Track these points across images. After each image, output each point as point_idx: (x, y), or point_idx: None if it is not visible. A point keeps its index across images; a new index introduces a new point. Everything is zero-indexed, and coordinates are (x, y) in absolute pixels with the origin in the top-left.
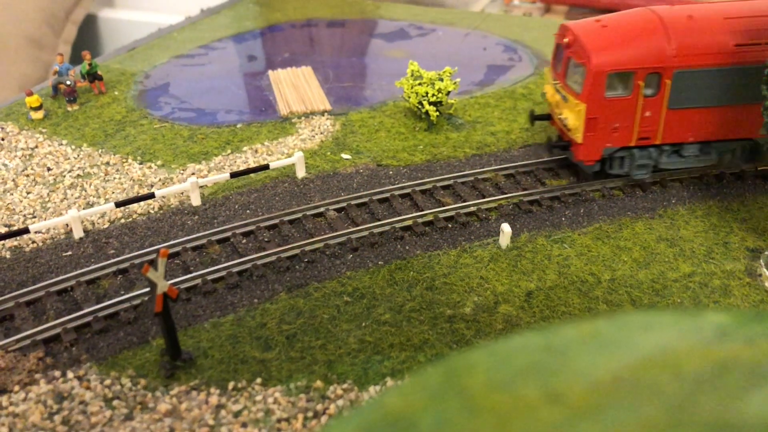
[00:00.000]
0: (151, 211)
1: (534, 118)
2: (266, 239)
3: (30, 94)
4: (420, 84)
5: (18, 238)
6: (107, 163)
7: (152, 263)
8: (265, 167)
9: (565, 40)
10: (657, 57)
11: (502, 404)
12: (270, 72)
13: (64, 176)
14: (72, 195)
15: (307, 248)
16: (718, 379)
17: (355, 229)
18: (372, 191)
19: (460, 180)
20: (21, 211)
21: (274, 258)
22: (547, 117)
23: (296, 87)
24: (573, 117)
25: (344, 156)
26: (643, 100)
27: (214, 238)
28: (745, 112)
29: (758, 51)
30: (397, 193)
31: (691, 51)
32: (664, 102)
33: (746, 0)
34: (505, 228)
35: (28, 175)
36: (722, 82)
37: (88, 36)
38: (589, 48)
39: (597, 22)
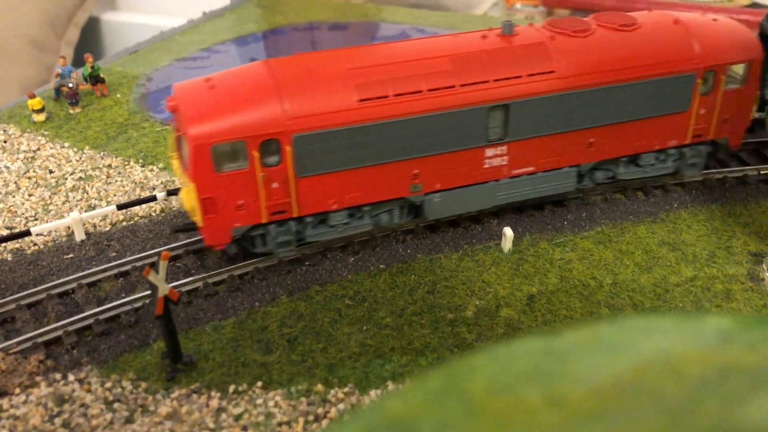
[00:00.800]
0: (153, 214)
1: (169, 192)
2: None
3: (32, 96)
4: None
5: (19, 240)
6: (109, 166)
7: (153, 266)
8: None
9: (171, 105)
10: (270, 122)
11: (503, 408)
12: None
13: (66, 179)
14: (74, 197)
15: (308, 251)
16: (721, 384)
17: (357, 232)
18: None
19: None
20: (23, 214)
21: (275, 261)
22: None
23: None
24: (187, 197)
25: None
26: (265, 171)
27: None
28: (389, 171)
29: (385, 106)
30: None
31: (309, 111)
32: (289, 171)
33: (373, 44)
34: (507, 231)
35: (30, 178)
36: (353, 142)
37: (90, 39)
38: (188, 117)
39: (206, 83)
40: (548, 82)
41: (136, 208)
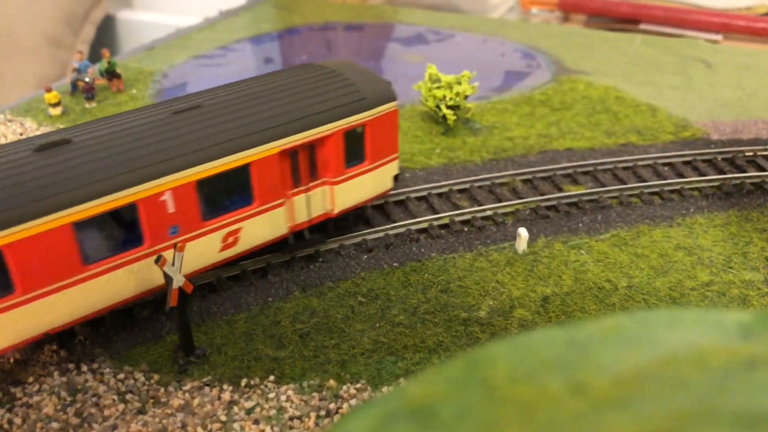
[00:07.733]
0: None
1: None
2: None
3: (49, 90)
4: (438, 87)
5: None
6: None
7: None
8: None
9: None
10: None
11: (526, 395)
12: None
13: None
14: None
15: (322, 249)
16: (747, 374)
17: (370, 230)
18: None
19: (476, 184)
20: None
21: (288, 257)
22: None
23: None
24: None
25: None
26: None
27: None
28: None
29: None
30: (413, 195)
31: None
32: None
33: None
34: (522, 232)
35: None
36: None
37: (106, 37)
38: None
39: None
40: None
41: None
